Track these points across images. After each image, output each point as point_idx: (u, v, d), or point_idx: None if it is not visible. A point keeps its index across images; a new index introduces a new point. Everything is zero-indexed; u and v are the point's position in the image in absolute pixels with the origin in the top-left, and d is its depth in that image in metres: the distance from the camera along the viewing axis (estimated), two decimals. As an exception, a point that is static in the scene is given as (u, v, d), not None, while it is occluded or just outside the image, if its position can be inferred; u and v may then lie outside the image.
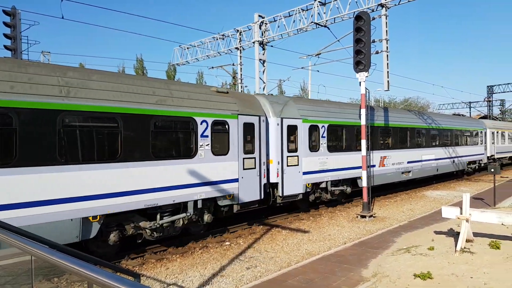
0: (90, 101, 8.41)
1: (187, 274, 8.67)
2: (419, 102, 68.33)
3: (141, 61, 51.08)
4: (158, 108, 9.67)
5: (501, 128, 35.11)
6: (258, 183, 12.45)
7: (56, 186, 7.76)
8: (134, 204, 9.11)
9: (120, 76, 9.86)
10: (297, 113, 14.30)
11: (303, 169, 14.24)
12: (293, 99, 15.24)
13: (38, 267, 2.77)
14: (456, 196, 19.51)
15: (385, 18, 17.98)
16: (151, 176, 9.42)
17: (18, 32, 17.70)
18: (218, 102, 11.37)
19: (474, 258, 8.38)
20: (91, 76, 8.75)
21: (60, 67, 8.60)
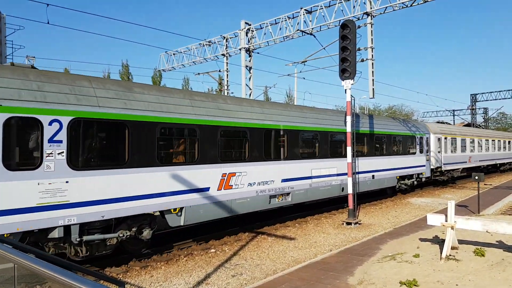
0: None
1: (172, 282, 8.54)
2: (403, 109, 69.22)
3: (126, 66, 50.74)
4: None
5: (452, 134, 29.36)
6: None
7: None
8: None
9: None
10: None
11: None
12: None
13: (21, 275, 2.69)
14: (441, 203, 19.72)
15: (371, 26, 18.21)
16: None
17: (3, 37, 17.50)
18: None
19: (459, 266, 8.43)
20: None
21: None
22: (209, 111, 11.45)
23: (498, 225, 8.89)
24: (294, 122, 14.64)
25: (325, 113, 17.10)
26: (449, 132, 29.01)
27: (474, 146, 32.88)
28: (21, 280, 2.83)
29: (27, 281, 6.38)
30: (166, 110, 10.21)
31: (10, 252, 1.88)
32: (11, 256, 1.84)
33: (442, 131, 27.72)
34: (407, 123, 23.89)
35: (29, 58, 31.09)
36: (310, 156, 15.41)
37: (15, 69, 8.00)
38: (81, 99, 8.55)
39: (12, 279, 2.77)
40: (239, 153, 12.42)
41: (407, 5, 17.63)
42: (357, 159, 17.58)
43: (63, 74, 9.08)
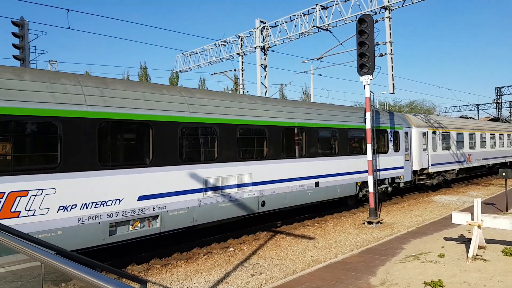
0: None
1: (192, 280, 8.49)
2: (424, 105, 68.09)
3: (145, 68, 51.21)
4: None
5: (443, 127, 23.89)
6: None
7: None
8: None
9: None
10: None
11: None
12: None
13: (47, 272, 2.67)
14: (466, 201, 19.29)
15: (389, 20, 17.89)
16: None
17: (27, 42, 17.90)
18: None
19: (487, 266, 8.17)
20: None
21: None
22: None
23: (527, 224, 8.60)
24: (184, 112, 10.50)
25: (273, 103, 13.88)
26: (438, 125, 23.61)
27: (475, 141, 27.69)
28: (47, 277, 2.80)
29: (53, 279, 6.42)
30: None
31: (37, 251, 1.92)
32: (38, 255, 1.89)
33: (428, 124, 22.83)
34: (376, 114, 18.32)
35: (52, 62, 31.62)
36: (205, 159, 10.88)
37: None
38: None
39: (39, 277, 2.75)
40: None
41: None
42: (284, 162, 13.34)
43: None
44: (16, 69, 7.94)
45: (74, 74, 8.85)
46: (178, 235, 12.35)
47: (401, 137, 19.49)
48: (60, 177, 7.86)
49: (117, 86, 9.23)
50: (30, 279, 3.68)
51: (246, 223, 14.21)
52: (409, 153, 20.32)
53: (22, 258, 2.48)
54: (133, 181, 8.99)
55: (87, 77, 9.10)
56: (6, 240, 2.13)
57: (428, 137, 22.10)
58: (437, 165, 22.80)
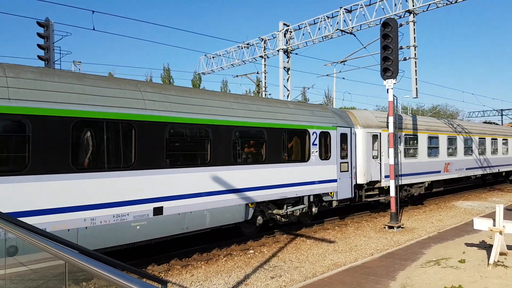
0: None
1: (212, 281, 8.64)
2: (448, 109, 66.90)
3: (168, 70, 51.95)
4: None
5: (407, 128, 18.73)
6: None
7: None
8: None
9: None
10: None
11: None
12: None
13: (69, 271, 2.81)
14: (488, 207, 18.93)
15: (413, 24, 17.75)
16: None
17: (51, 43, 18.25)
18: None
19: (508, 272, 8.06)
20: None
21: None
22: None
23: (551, 231, 8.45)
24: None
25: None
26: (401, 125, 18.30)
27: (456, 147, 22.36)
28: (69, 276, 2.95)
29: (74, 278, 6.65)
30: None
31: (62, 250, 1.99)
32: (63, 254, 1.95)
33: (383, 123, 17.09)
34: (297, 107, 13.91)
35: (76, 63, 32.42)
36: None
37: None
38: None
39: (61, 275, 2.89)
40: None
41: (451, 2, 17.09)
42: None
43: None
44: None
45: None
46: (198, 236, 12.54)
47: (333, 140, 14.28)
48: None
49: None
50: (52, 277, 3.84)
51: (266, 226, 14.30)
52: (349, 161, 15.07)
53: (44, 257, 2.58)
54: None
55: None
56: (31, 238, 2.24)
57: (382, 141, 16.93)
58: (399, 177, 17.37)
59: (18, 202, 7.22)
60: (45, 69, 9.62)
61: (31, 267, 4.38)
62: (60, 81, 8.10)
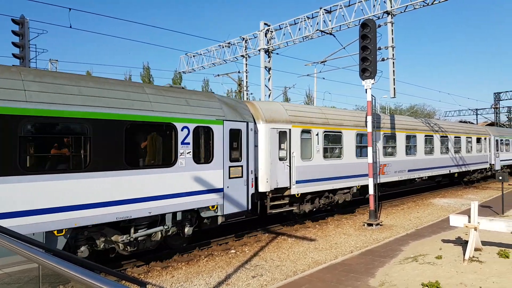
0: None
1: (193, 282, 8.62)
2: (425, 109, 68.09)
3: (147, 69, 51.43)
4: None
5: (328, 124, 15.73)
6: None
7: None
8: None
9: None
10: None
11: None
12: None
13: (45, 274, 2.78)
14: (464, 204, 19.35)
15: (391, 25, 18.00)
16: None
17: (27, 41, 17.86)
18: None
19: (483, 267, 8.27)
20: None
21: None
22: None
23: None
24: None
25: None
26: (320, 121, 15.33)
27: (396, 146, 19.46)
28: (45, 279, 2.91)
29: (51, 281, 6.56)
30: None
31: (35, 253, 1.95)
32: (36, 257, 1.91)
33: (296, 117, 14.43)
34: (159, 92, 10.26)
35: (52, 61, 31.82)
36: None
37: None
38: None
39: (37, 279, 2.86)
40: None
41: (428, 3, 17.38)
42: None
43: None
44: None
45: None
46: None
47: (217, 137, 11.18)
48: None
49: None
50: (28, 281, 3.78)
51: (248, 225, 14.35)
52: (243, 164, 11.95)
53: (19, 260, 2.53)
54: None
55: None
56: (3, 241, 2.19)
57: (293, 139, 13.87)
58: (309, 182, 14.31)
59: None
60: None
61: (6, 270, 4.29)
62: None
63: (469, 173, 27.79)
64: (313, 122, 14.90)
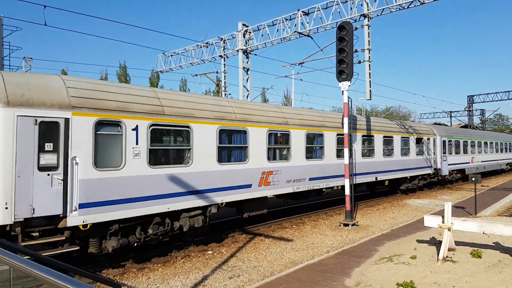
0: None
1: (169, 283, 8.53)
2: (400, 111, 69.30)
3: (124, 68, 50.62)
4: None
5: (156, 114, 10.15)
6: None
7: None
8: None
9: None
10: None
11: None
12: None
13: (17, 277, 2.68)
14: (438, 204, 19.72)
15: (368, 28, 18.22)
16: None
17: (0, 38, 17.42)
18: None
19: (456, 267, 8.44)
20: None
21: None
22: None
23: (494, 227, 8.91)
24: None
25: None
26: (96, 99, 9.12)
27: (290, 147, 14.56)
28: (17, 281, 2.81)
29: (23, 283, 6.38)
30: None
31: (5, 254, 1.89)
32: (6, 258, 1.84)
33: (76, 100, 8.67)
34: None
35: (27, 59, 31.08)
36: None
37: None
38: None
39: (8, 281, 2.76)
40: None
41: (404, 7, 17.67)
42: None
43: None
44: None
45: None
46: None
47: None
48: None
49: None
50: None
51: (226, 226, 14.30)
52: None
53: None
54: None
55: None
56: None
57: (75, 135, 8.55)
58: (114, 204, 9.18)
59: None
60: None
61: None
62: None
63: (406, 180, 23.08)
64: (129, 109, 9.59)
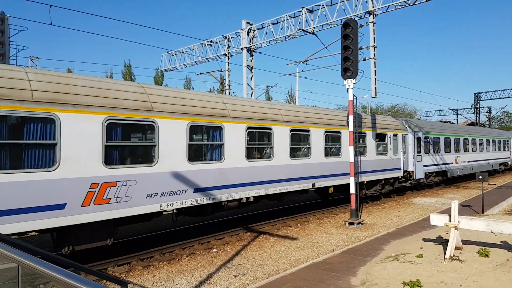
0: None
1: (174, 281, 8.52)
2: (406, 109, 69.04)
3: (129, 66, 50.88)
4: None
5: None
6: None
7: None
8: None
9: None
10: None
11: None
12: None
13: (25, 274, 2.67)
14: (444, 203, 19.63)
15: (373, 25, 18.14)
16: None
17: (7, 38, 17.52)
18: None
19: (463, 266, 8.38)
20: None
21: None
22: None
23: (502, 225, 8.83)
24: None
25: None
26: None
27: (157, 145, 9.85)
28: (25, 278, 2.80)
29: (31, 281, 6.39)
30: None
31: (13, 252, 1.89)
32: (14, 256, 1.86)
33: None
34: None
35: (33, 58, 31.20)
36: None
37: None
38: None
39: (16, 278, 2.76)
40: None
41: (409, 4, 17.57)
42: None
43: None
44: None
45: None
46: (160, 237, 12.41)
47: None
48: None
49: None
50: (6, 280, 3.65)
51: (230, 224, 14.28)
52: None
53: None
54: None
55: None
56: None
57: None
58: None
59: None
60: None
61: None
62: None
63: (362, 186, 18.19)
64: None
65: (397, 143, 20.60)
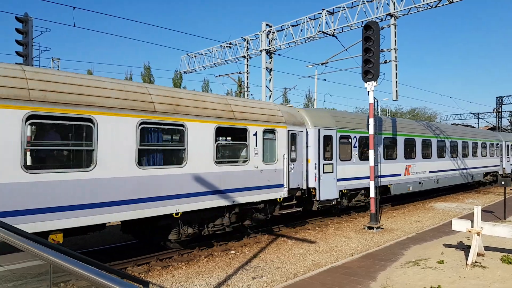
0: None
1: (193, 282, 8.56)
2: (426, 112, 68.03)
3: (148, 68, 51.31)
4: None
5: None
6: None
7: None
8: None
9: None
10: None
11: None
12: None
13: (45, 272, 2.72)
14: (465, 208, 19.30)
15: (394, 27, 17.95)
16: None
17: (30, 39, 17.83)
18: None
19: (485, 273, 8.21)
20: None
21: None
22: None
23: (526, 232, 8.64)
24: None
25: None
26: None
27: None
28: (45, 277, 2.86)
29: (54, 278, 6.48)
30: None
31: (45, 251, 1.94)
32: (46, 256, 1.91)
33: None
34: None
35: (55, 60, 31.80)
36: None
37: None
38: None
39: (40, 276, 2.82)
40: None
41: (431, 6, 17.34)
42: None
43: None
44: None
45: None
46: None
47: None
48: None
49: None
50: (31, 278, 3.72)
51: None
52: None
53: (22, 257, 2.45)
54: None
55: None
56: (12, 239, 2.17)
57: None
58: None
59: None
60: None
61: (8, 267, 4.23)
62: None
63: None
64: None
65: (274, 144, 13.04)
